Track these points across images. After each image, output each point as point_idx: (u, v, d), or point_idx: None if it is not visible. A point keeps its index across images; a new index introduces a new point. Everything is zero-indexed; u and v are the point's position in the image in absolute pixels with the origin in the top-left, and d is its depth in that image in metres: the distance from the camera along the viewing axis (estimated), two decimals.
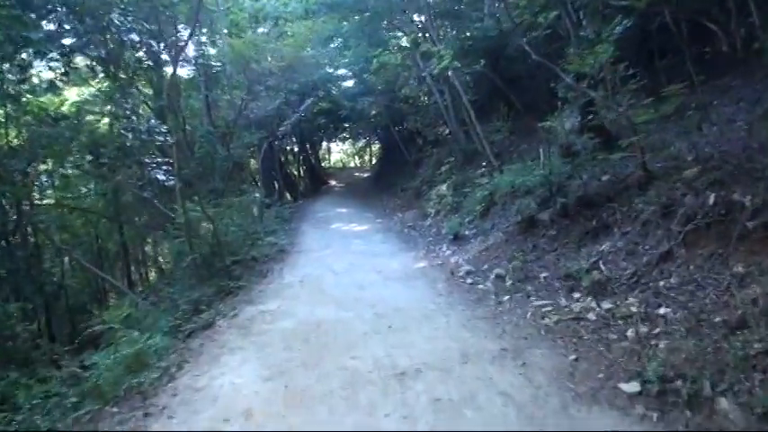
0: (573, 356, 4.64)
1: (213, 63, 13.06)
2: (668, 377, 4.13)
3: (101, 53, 10.49)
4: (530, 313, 5.85)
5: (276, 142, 18.55)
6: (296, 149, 24.31)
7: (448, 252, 9.38)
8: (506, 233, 8.84)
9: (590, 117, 7.97)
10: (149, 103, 14.64)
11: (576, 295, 6.14)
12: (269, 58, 12.42)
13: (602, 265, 6.46)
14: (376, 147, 34.21)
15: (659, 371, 4.15)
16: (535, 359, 4.66)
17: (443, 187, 13.99)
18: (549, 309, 5.85)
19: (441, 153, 16.62)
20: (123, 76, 11.74)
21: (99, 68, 11.94)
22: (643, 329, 5.04)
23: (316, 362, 4.78)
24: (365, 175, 29.12)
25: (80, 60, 11.72)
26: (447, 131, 16.43)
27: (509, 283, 7.15)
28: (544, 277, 7.10)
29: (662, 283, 5.77)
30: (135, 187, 9.81)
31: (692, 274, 5.66)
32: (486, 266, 8.05)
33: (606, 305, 5.68)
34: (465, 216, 11.16)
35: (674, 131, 8.23)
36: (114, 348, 5.42)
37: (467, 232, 10.20)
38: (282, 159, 22.83)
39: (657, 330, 4.95)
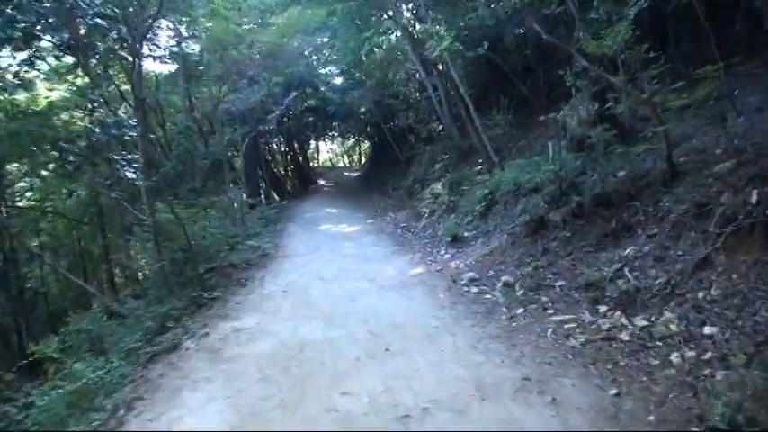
0: (613, 390, 3.74)
1: (190, 51, 11.98)
2: (737, 422, 3.26)
3: (66, 39, 9.37)
4: (550, 330, 4.95)
5: (262, 140, 17.50)
6: (283, 148, 23.23)
7: (447, 256, 8.46)
8: (512, 235, 7.93)
9: (607, 106, 7.07)
10: (128, 98, 13.58)
11: (602, 308, 5.25)
12: (250, 47, 11.36)
13: (627, 273, 5.58)
14: (365, 146, 33.24)
15: (726, 415, 3.27)
16: (567, 393, 3.75)
17: (438, 186, 13.08)
18: (573, 326, 4.95)
19: (434, 150, 15.71)
20: (96, 65, 10.67)
21: (69, 58, 10.87)
22: (690, 354, 4.15)
23: (297, 400, 3.82)
24: (355, 174, 28.13)
25: (47, 44, 10.58)
26: (440, 128, 15.53)
27: (520, 292, 6.25)
28: (560, 286, 6.21)
29: (701, 294, 4.91)
30: (103, 187, 8.73)
31: (735, 284, 4.81)
32: (491, 272, 7.15)
33: (640, 322, 4.79)
34: (463, 216, 10.26)
35: (692, 123, 7.42)
36: (57, 381, 4.40)
37: (466, 234, 9.29)
38: (269, 158, 21.76)
39: (708, 356, 4.07)
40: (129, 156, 8.55)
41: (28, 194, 16.32)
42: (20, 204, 15.34)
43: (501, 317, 5.55)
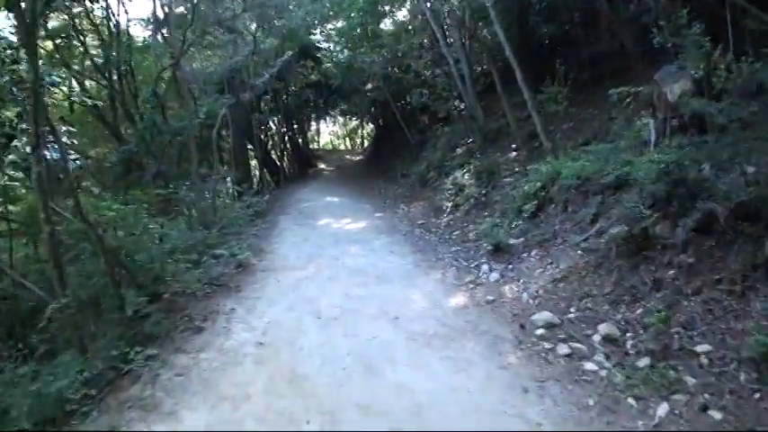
0: None
1: None
2: None
3: None
4: None
5: (255, 116, 14.65)
6: (282, 129, 20.31)
7: (494, 275, 5.83)
8: (592, 253, 5.30)
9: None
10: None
11: None
12: None
13: None
14: (369, 128, 30.31)
15: None
16: None
17: (462, 175, 10.40)
18: None
19: (453, 133, 12.99)
20: None
21: None
22: None
23: None
24: (357, 158, 25.30)
25: None
26: (462, 106, 12.71)
27: (641, 362, 3.66)
28: (705, 354, 3.63)
29: None
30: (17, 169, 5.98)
31: None
32: (573, 312, 4.54)
33: None
34: (503, 217, 7.62)
35: None
36: None
37: (512, 241, 6.64)
38: (264, 138, 18.92)
39: None
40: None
41: None
42: None
43: (635, 422, 2.95)
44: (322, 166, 22.48)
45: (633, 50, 8.84)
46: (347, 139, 35.19)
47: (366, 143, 30.71)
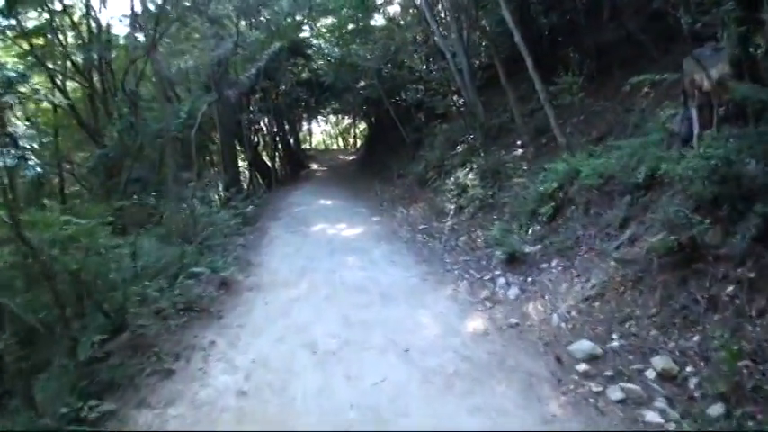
0: None
1: None
2: None
3: None
4: None
5: (244, 116, 13.80)
6: (272, 129, 19.38)
7: (513, 290, 5.09)
8: (627, 264, 4.55)
9: None
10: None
11: None
12: None
13: None
14: (361, 127, 29.45)
15: None
16: None
17: (464, 174, 9.64)
18: None
19: (452, 130, 12.19)
20: None
21: None
22: None
23: None
24: (351, 157, 24.44)
25: None
26: (461, 102, 11.95)
27: (715, 410, 2.93)
28: None
29: None
30: None
31: None
32: (617, 341, 3.79)
33: None
34: (514, 221, 6.88)
35: None
36: None
37: (528, 249, 5.90)
38: (255, 140, 18.04)
39: None
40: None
41: None
42: None
43: None
44: (314, 166, 21.61)
45: (641, 38, 8.11)
46: (339, 138, 34.31)
47: (359, 142, 29.87)
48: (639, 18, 8.39)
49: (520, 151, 9.22)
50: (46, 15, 9.60)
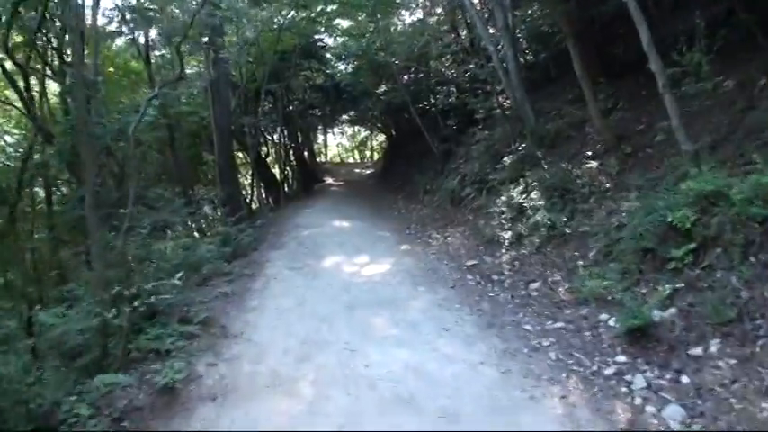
0: None
1: None
2: None
3: None
4: None
5: (246, 122, 11.77)
6: (283, 140, 17.32)
7: (671, 409, 2.79)
8: None
9: None
10: None
11: None
12: None
13: None
14: (379, 140, 27.38)
15: None
16: None
17: (518, 193, 7.37)
18: None
19: (493, 138, 9.96)
20: None
21: None
22: None
23: None
24: (368, 171, 22.33)
25: None
26: (506, 104, 9.75)
27: None
28: None
29: None
30: None
31: None
32: None
33: None
34: (608, 261, 4.64)
35: None
36: None
37: (658, 316, 3.60)
38: (264, 150, 16.05)
39: None
40: None
41: None
42: None
43: None
44: (329, 180, 19.54)
45: (743, 18, 5.84)
46: (356, 151, 32.31)
47: (376, 155, 27.81)
48: None
49: (593, 164, 6.94)
50: None
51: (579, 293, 4.47)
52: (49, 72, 7.42)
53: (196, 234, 6.18)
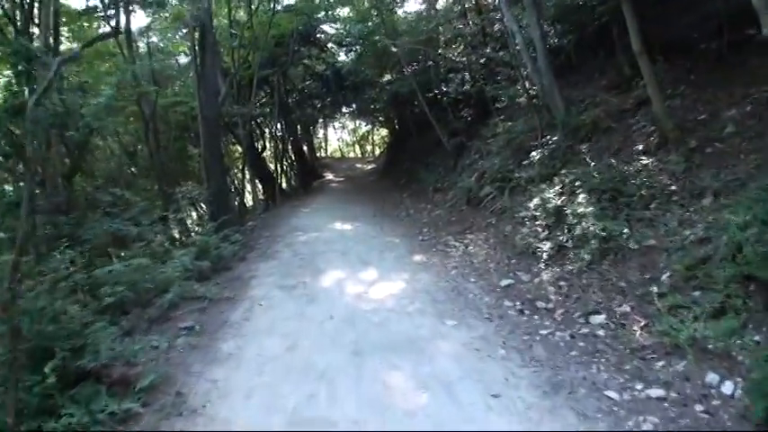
0: None
1: None
2: None
3: None
4: None
5: (236, 107, 10.48)
6: (281, 133, 16.04)
7: None
8: None
9: None
10: None
11: None
12: None
13: None
14: (381, 134, 26.08)
15: None
16: None
17: (555, 194, 6.13)
18: None
19: (515, 130, 8.69)
20: None
21: None
22: None
23: None
24: (369, 166, 21.06)
25: None
26: (532, 91, 8.49)
27: None
28: None
29: None
30: None
31: None
32: None
33: None
34: (690, 287, 3.44)
35: None
36: None
37: None
38: (260, 145, 14.75)
39: None
40: None
41: None
42: None
43: None
44: (329, 176, 18.27)
45: None
46: (357, 146, 31.02)
47: (377, 150, 26.52)
48: None
49: (647, 160, 5.69)
50: None
51: (666, 336, 3.26)
52: None
53: (166, 244, 4.94)
